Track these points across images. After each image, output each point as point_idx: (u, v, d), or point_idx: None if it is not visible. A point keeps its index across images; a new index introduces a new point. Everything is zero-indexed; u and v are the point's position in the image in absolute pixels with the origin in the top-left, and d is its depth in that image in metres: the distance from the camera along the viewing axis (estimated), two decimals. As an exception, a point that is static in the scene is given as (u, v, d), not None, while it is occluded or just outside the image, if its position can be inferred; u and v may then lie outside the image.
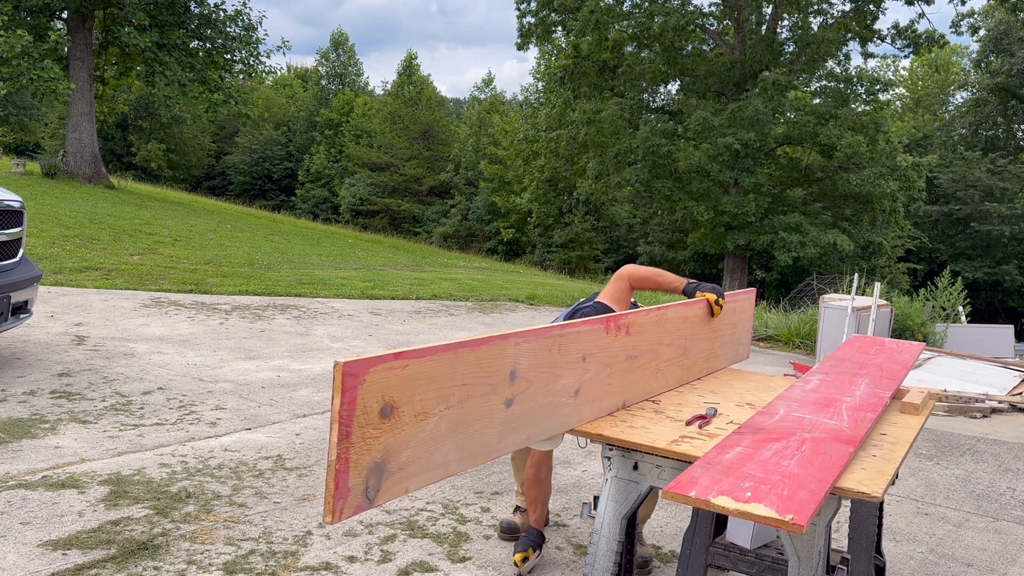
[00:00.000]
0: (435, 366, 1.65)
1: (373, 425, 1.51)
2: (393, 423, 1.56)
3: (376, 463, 1.53)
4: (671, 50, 25.50)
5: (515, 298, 11.29)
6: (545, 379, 2.04)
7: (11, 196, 5.09)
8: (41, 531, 2.96)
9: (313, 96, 55.61)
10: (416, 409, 1.62)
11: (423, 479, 1.67)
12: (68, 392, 4.80)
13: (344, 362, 1.44)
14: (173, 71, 21.46)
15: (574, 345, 2.16)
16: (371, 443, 1.51)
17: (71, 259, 9.84)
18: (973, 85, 37.55)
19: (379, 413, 1.52)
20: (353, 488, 1.49)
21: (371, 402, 1.50)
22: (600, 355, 2.29)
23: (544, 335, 2.02)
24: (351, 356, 1.49)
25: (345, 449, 1.46)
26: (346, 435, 1.45)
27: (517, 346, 1.91)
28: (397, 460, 1.59)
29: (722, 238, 24.24)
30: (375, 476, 1.54)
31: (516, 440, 1.96)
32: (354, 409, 1.46)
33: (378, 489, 1.55)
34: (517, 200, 36.40)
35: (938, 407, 6.44)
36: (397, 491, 1.61)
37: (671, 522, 3.61)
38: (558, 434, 2.19)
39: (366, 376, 1.48)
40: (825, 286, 18.73)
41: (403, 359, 1.56)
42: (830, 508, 1.93)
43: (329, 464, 1.46)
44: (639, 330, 2.48)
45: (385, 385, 1.53)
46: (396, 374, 1.55)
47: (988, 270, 31.53)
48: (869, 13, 24.94)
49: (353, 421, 1.47)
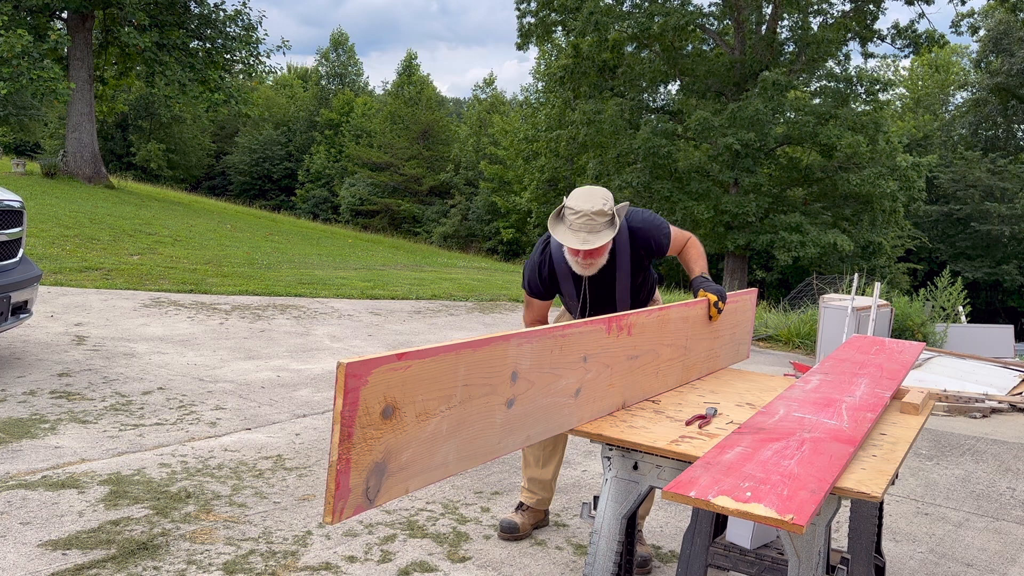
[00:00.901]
0: (437, 367, 1.65)
1: (375, 426, 1.51)
2: (395, 424, 1.56)
3: (377, 464, 1.53)
4: (671, 50, 25.51)
5: (515, 298, 11.28)
6: (546, 379, 2.04)
7: (11, 196, 5.09)
8: (41, 531, 2.96)
9: (313, 96, 55.61)
10: (418, 410, 1.61)
11: (423, 479, 1.67)
12: (68, 392, 4.80)
13: (347, 363, 1.44)
14: (173, 71, 21.46)
15: (576, 345, 2.15)
16: (372, 444, 1.51)
17: (71, 259, 9.84)
18: (973, 85, 37.55)
19: (381, 414, 1.52)
20: (354, 488, 1.49)
21: (373, 403, 1.50)
22: (601, 355, 2.28)
23: (546, 335, 2.02)
24: (354, 357, 1.48)
25: (347, 450, 1.45)
26: (348, 436, 1.45)
27: (519, 347, 1.91)
28: (398, 460, 1.58)
29: (722, 238, 24.24)
30: (376, 477, 1.53)
31: (516, 440, 1.96)
32: (356, 410, 1.46)
33: (378, 490, 1.55)
34: (517, 200, 36.40)
35: (938, 407, 6.44)
36: (397, 491, 1.60)
37: (671, 522, 3.61)
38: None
39: (369, 377, 1.48)
40: (825, 286, 18.72)
41: (406, 360, 1.56)
42: (830, 508, 1.93)
43: (330, 464, 1.46)
44: (641, 330, 2.47)
45: (388, 386, 1.53)
46: (399, 375, 1.55)
47: (988, 270, 31.55)
48: (869, 13, 24.94)
49: (355, 422, 1.46)
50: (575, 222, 2.80)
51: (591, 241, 2.78)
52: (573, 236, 2.80)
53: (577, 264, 2.94)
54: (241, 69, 24.26)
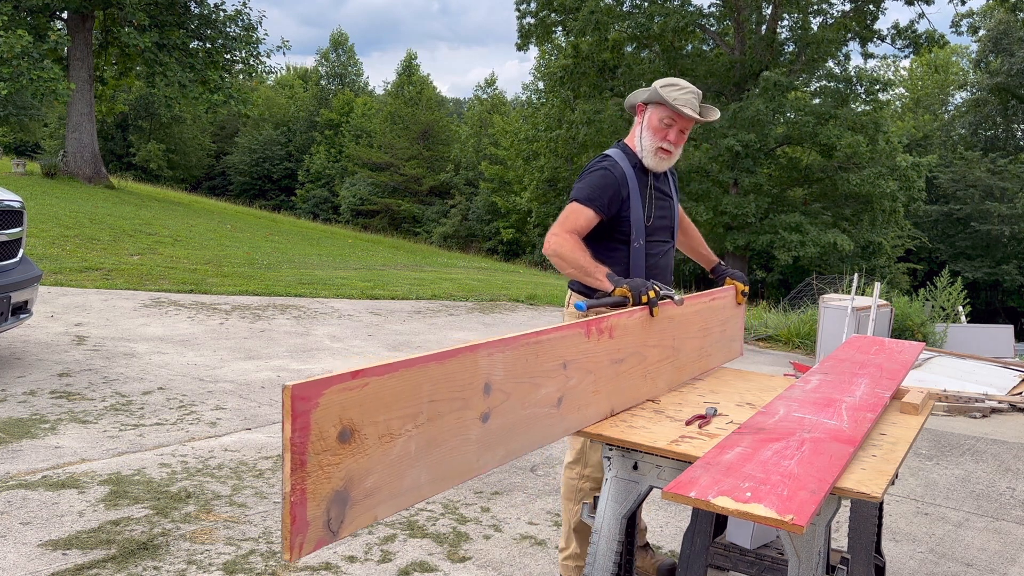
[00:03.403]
0: (399, 383, 1.53)
1: (331, 451, 1.39)
2: (355, 447, 1.44)
3: (338, 492, 1.42)
4: (671, 50, 25.52)
5: (515, 298, 11.29)
6: (523, 390, 1.92)
7: (11, 196, 5.09)
8: (41, 531, 2.96)
9: (313, 96, 55.62)
10: (380, 431, 1.49)
11: (393, 505, 1.56)
12: (68, 392, 4.80)
13: (294, 385, 1.32)
14: (173, 71, 21.46)
15: (553, 351, 2.03)
16: (330, 471, 1.40)
17: (71, 259, 9.84)
18: (973, 85, 37.56)
19: (338, 438, 1.40)
20: (313, 521, 1.37)
21: (327, 426, 1.38)
22: (582, 361, 2.16)
23: (519, 343, 1.90)
24: (302, 378, 1.39)
25: (301, 479, 1.34)
26: (301, 464, 1.34)
27: (490, 356, 1.79)
28: (362, 487, 1.47)
29: (722, 238, 24.25)
30: (337, 506, 1.42)
31: (496, 457, 1.85)
32: (308, 435, 1.35)
33: (342, 520, 1.44)
34: (517, 200, 36.41)
35: (938, 407, 6.44)
36: (364, 520, 1.50)
37: (671, 522, 3.61)
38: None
39: (319, 399, 1.37)
40: (825, 286, 18.73)
41: (361, 377, 1.45)
42: (830, 508, 1.93)
43: (284, 496, 1.33)
44: (623, 332, 2.36)
45: (343, 407, 1.41)
46: (354, 394, 1.43)
47: (988, 270, 31.55)
48: (869, 13, 24.95)
49: (308, 448, 1.35)
50: (680, 97, 2.72)
51: (708, 113, 2.75)
52: (687, 109, 2.72)
53: (659, 153, 2.81)
54: (241, 69, 24.26)
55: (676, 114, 2.76)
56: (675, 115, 2.76)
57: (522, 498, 3.74)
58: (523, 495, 3.78)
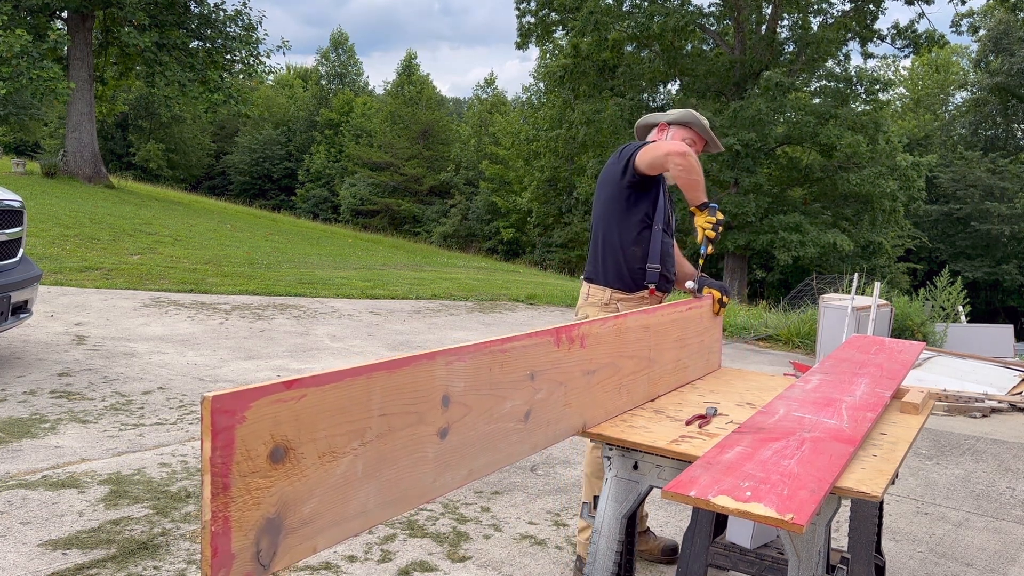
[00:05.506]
0: (343, 395, 1.36)
1: (261, 473, 1.22)
2: (289, 468, 1.27)
3: (269, 520, 1.24)
4: (671, 50, 25.51)
5: (515, 298, 11.29)
6: (487, 403, 1.76)
7: (11, 196, 5.09)
8: (41, 531, 2.96)
9: (313, 96, 55.64)
10: (320, 449, 1.32)
11: (336, 533, 1.39)
12: (68, 392, 4.80)
13: (214, 396, 1.15)
14: (173, 71, 21.47)
15: (519, 361, 1.88)
16: (260, 495, 1.22)
17: (71, 259, 9.84)
18: (973, 85, 37.56)
19: (268, 457, 1.23)
20: (238, 554, 1.20)
21: (256, 444, 1.21)
22: (551, 372, 2.02)
23: (481, 351, 1.74)
24: (223, 388, 1.22)
25: (223, 506, 1.17)
26: (224, 488, 1.17)
27: (449, 365, 1.63)
28: (298, 514, 1.30)
29: (722, 238, 24.25)
30: (269, 536, 1.24)
31: (457, 476, 1.70)
32: (232, 454, 1.18)
33: (274, 552, 1.26)
34: (517, 200, 36.44)
35: (938, 407, 6.44)
36: (302, 551, 1.32)
37: (671, 522, 3.61)
38: None
39: (246, 412, 1.20)
40: (825, 286, 18.76)
41: (298, 388, 1.28)
42: (830, 508, 1.93)
43: (203, 525, 1.15)
44: (595, 341, 2.23)
45: (274, 422, 1.24)
46: (289, 407, 1.26)
47: (988, 270, 31.57)
48: (869, 13, 24.94)
49: (231, 470, 1.18)
50: (709, 129, 3.25)
51: (717, 147, 3.35)
52: (717, 142, 3.30)
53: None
54: (241, 69, 24.26)
55: (697, 138, 3.21)
56: (695, 139, 3.21)
57: (522, 498, 3.74)
58: (523, 495, 3.78)
